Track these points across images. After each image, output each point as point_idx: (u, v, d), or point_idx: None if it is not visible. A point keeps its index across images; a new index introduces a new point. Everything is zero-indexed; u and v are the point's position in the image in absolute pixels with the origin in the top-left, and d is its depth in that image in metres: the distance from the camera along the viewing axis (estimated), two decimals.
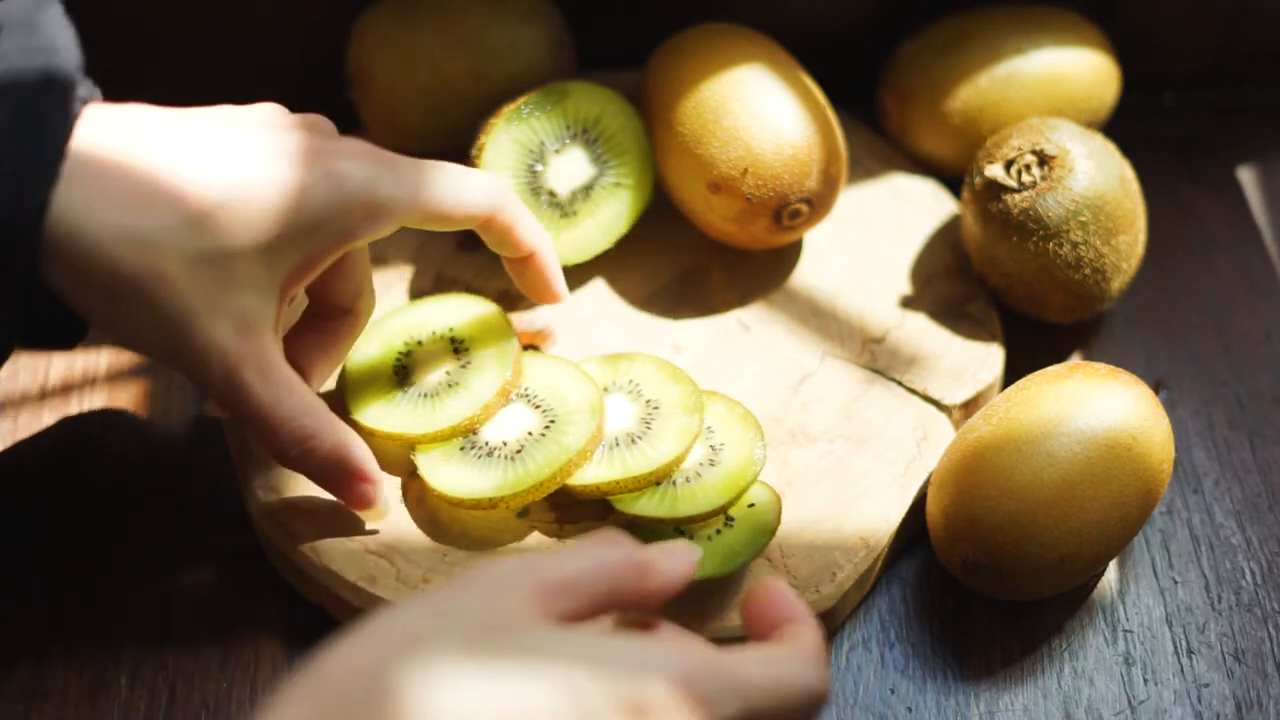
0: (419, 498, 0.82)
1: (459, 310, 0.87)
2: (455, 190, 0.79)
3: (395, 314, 0.87)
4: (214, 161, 0.73)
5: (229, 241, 0.72)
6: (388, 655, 0.57)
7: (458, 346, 0.85)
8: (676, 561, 0.65)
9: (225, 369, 0.73)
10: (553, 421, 0.82)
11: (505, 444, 0.81)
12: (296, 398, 0.75)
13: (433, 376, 0.84)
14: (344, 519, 0.81)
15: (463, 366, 0.84)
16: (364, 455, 0.77)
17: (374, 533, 0.81)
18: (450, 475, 0.81)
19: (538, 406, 0.83)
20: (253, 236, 0.72)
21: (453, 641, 0.58)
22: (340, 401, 0.84)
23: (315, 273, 0.76)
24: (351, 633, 0.59)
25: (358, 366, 0.85)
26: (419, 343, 0.86)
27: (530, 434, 0.82)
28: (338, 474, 0.77)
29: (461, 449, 0.82)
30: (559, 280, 0.85)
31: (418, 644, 0.57)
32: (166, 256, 0.71)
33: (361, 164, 0.76)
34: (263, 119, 0.77)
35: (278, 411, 0.74)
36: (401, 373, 0.85)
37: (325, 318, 0.82)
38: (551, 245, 0.85)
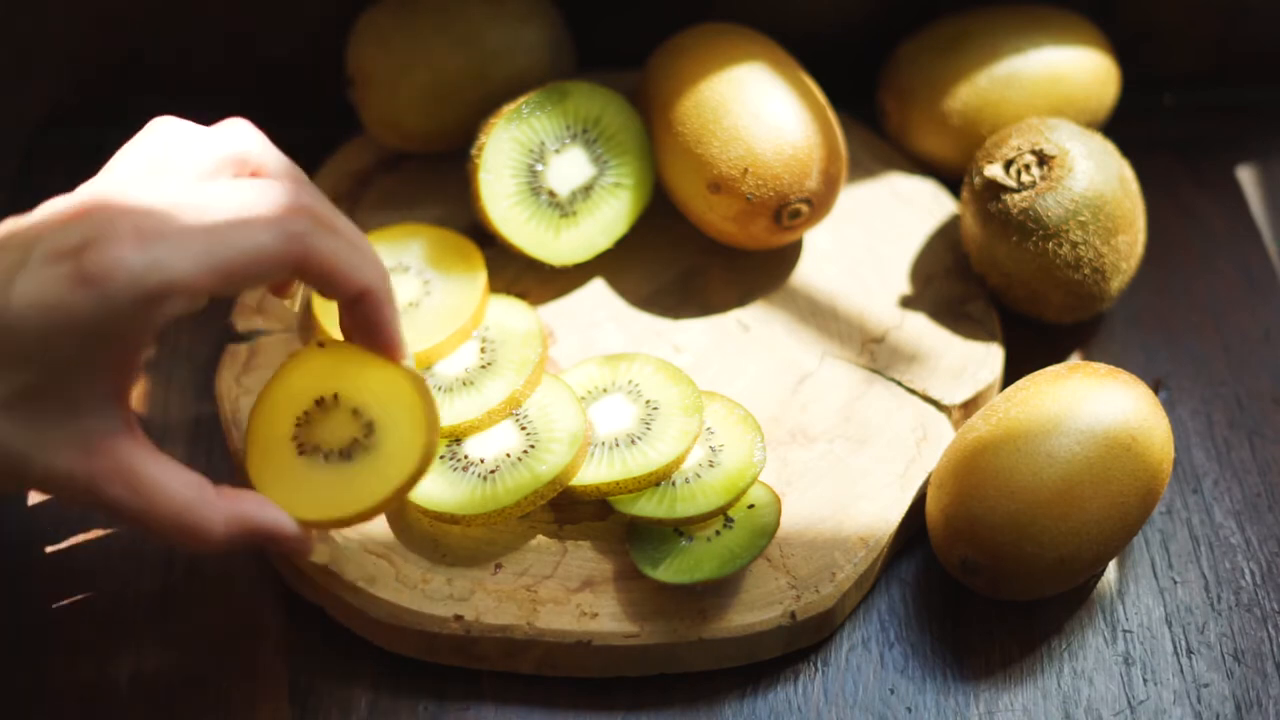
0: None
1: (500, 312, 0.87)
2: (247, 242, 0.68)
3: None
4: None
5: (25, 379, 0.66)
6: None
7: (484, 348, 0.86)
8: None
9: (83, 492, 0.67)
10: (532, 446, 0.81)
11: (483, 461, 0.81)
12: (170, 496, 0.69)
13: (453, 371, 0.85)
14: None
15: (483, 367, 0.85)
16: (264, 516, 0.71)
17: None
18: (423, 482, 0.80)
19: (524, 428, 0.82)
20: (44, 367, 0.66)
21: None
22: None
23: (139, 357, 0.68)
24: None
25: None
26: None
27: (509, 455, 0.81)
28: (249, 546, 0.72)
29: (442, 457, 0.82)
30: (396, 326, 0.74)
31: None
32: None
33: (126, 247, 0.66)
34: (9, 234, 0.69)
35: (155, 516, 0.68)
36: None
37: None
38: (388, 283, 0.73)
